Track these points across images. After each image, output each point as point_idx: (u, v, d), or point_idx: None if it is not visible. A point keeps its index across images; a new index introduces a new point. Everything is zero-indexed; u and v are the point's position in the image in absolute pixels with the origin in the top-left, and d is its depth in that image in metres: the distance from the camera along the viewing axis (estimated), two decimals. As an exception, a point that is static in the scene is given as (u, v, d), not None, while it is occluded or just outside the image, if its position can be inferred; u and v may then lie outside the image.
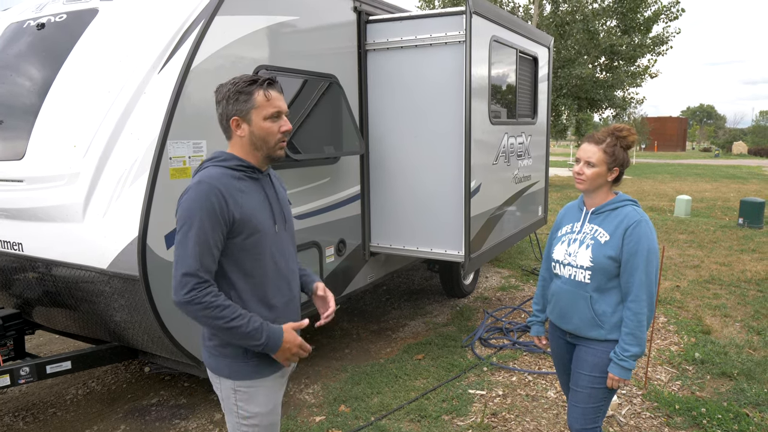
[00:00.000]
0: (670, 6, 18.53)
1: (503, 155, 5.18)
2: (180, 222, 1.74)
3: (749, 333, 5.13)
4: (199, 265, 1.71)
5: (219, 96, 1.85)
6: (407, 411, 3.76)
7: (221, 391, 1.92)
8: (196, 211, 1.72)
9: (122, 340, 3.42)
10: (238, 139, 1.87)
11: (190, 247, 1.71)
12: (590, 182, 2.37)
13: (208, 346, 1.90)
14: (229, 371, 1.87)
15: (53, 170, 3.21)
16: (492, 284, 6.85)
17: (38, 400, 4.03)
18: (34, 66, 3.60)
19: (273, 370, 1.93)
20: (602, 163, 2.34)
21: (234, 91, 1.81)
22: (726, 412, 3.65)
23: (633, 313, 2.27)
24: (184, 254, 1.72)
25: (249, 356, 1.86)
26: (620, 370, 2.30)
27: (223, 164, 1.83)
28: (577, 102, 19.06)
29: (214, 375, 1.93)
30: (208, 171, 1.81)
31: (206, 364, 1.94)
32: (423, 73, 4.45)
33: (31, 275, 3.40)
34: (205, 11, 3.18)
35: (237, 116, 1.83)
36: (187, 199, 1.75)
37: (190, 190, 1.76)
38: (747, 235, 9.79)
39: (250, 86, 1.82)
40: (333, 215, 4.32)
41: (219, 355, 1.87)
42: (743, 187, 18.85)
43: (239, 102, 1.82)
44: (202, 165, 1.87)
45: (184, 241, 1.72)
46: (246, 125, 1.84)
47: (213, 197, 1.73)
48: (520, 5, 20.53)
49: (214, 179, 1.77)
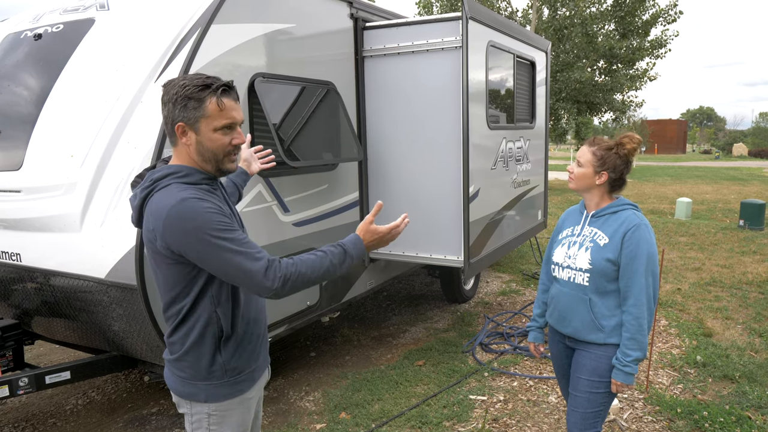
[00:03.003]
0: (668, 9, 18.59)
1: (502, 160, 5.18)
2: (202, 246, 1.58)
3: (751, 335, 5.11)
4: (260, 253, 1.62)
5: (166, 96, 1.65)
6: (408, 417, 3.74)
7: (192, 416, 1.81)
8: (206, 227, 1.58)
9: (121, 349, 3.41)
10: (184, 147, 1.69)
11: (239, 251, 1.59)
12: (576, 181, 2.43)
13: (180, 376, 1.79)
14: (206, 395, 1.77)
15: (50, 180, 3.21)
16: (492, 289, 6.84)
17: (38, 411, 4.02)
18: (32, 76, 3.61)
19: (250, 384, 1.86)
20: (589, 165, 2.38)
21: (183, 95, 1.63)
22: (728, 416, 3.63)
23: (634, 317, 2.27)
24: (240, 260, 1.58)
25: (227, 374, 1.78)
26: (623, 375, 2.29)
27: (187, 180, 1.67)
28: (576, 106, 19.08)
29: (185, 401, 1.82)
30: (178, 190, 1.62)
31: (176, 392, 1.82)
32: (420, 78, 4.46)
33: (30, 285, 3.40)
34: (202, 20, 3.19)
35: (183, 122, 1.65)
36: (187, 226, 1.58)
37: (179, 216, 1.58)
38: (748, 237, 9.77)
39: (201, 92, 1.63)
40: (332, 222, 4.32)
41: (193, 380, 1.77)
42: (744, 189, 18.83)
43: (187, 108, 1.64)
44: (159, 182, 1.65)
45: (220, 252, 1.58)
46: (192, 134, 1.66)
47: (204, 205, 1.61)
48: (518, 10, 20.60)
49: (192, 195, 1.62)
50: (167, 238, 1.60)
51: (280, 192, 3.78)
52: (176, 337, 1.77)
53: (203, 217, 1.58)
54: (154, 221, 1.63)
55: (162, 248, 1.64)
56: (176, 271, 1.68)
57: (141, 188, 1.69)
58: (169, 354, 1.82)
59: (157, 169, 1.70)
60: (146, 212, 1.67)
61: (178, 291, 1.71)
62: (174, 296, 1.73)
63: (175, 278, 1.70)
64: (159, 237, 1.62)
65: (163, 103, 1.68)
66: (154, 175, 1.68)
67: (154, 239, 1.65)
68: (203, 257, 1.60)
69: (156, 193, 1.65)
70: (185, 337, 1.75)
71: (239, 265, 1.59)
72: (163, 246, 1.63)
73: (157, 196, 1.65)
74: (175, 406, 1.87)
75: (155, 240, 1.64)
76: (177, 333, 1.76)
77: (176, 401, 1.86)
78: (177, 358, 1.78)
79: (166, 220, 1.59)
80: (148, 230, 1.67)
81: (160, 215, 1.60)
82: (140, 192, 1.69)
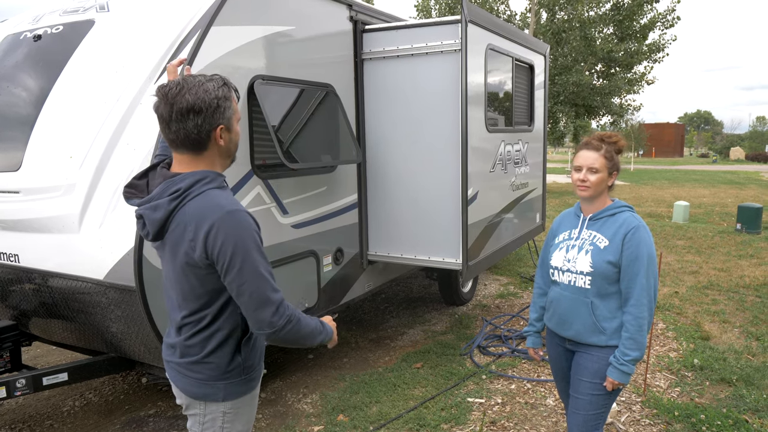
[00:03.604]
0: (666, 14, 18.65)
1: (500, 163, 5.19)
2: (238, 257, 1.59)
3: (748, 339, 5.12)
4: (279, 289, 1.66)
5: (199, 104, 1.61)
6: (406, 420, 3.74)
7: (204, 416, 1.80)
8: (249, 241, 1.61)
9: (119, 351, 3.40)
10: (216, 149, 1.70)
11: (267, 277, 1.63)
12: (595, 188, 2.38)
13: (196, 378, 1.77)
14: (224, 394, 1.78)
15: (49, 181, 3.21)
16: (491, 292, 6.84)
17: (35, 412, 4.01)
18: (31, 77, 3.61)
19: (258, 380, 1.90)
20: (604, 169, 2.37)
21: (222, 96, 1.65)
22: (725, 419, 3.64)
23: (634, 318, 2.28)
24: (265, 285, 1.62)
25: (244, 371, 1.80)
26: (619, 374, 2.30)
27: (218, 186, 1.68)
28: (574, 109, 19.13)
29: (198, 402, 1.80)
30: (219, 196, 1.64)
31: (191, 394, 1.79)
32: (419, 81, 4.47)
33: (28, 286, 3.39)
34: (202, 21, 3.20)
35: (224, 124, 1.68)
36: (231, 234, 1.59)
37: (225, 224, 1.59)
38: (745, 241, 9.79)
39: (228, 90, 1.69)
40: (330, 224, 4.32)
41: (211, 381, 1.76)
42: (741, 193, 18.88)
43: (225, 109, 1.67)
44: (192, 188, 1.64)
45: (256, 271, 1.61)
46: (227, 133, 1.70)
47: (251, 222, 1.65)
48: (516, 13, 20.65)
49: (237, 205, 1.65)
50: (210, 244, 1.58)
51: (278, 194, 3.79)
52: (195, 340, 1.74)
53: (249, 232, 1.62)
54: (196, 229, 1.59)
55: (199, 257, 1.61)
56: (208, 281, 1.66)
57: (168, 199, 1.62)
58: (184, 357, 1.77)
59: (180, 178, 1.65)
60: (178, 221, 1.63)
61: (206, 300, 1.70)
62: (201, 305, 1.70)
63: (205, 287, 1.68)
64: (200, 245, 1.59)
65: (194, 113, 1.61)
66: (180, 185, 1.63)
67: (192, 248, 1.61)
68: (234, 269, 1.60)
69: (191, 201, 1.62)
70: (206, 341, 1.73)
71: (262, 290, 1.61)
72: (201, 255, 1.60)
73: (195, 203, 1.62)
74: (173, 408, 1.87)
75: (193, 249, 1.61)
76: (197, 337, 1.74)
77: (186, 403, 1.83)
78: (196, 360, 1.75)
79: (212, 228, 1.58)
80: (181, 239, 1.63)
81: (203, 221, 1.59)
82: (168, 204, 1.62)
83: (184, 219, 1.62)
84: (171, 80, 1.67)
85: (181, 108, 1.60)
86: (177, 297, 1.74)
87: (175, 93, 1.61)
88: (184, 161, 1.70)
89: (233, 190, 3.39)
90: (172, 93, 1.61)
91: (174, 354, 1.82)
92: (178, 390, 1.84)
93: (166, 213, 1.63)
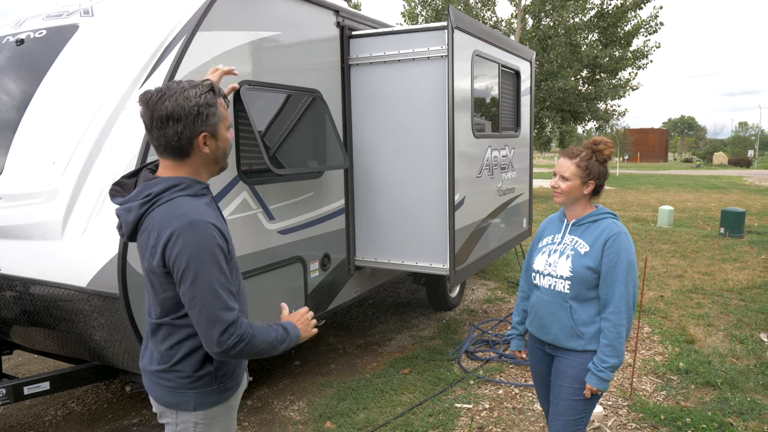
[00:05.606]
0: (649, 20, 18.89)
1: (487, 168, 5.21)
2: (191, 269, 1.56)
3: (732, 342, 5.17)
4: (235, 307, 1.61)
5: (178, 112, 1.58)
6: (394, 426, 3.73)
7: (176, 425, 1.77)
8: (206, 254, 1.56)
9: (102, 359, 3.36)
10: (200, 157, 1.67)
11: (221, 294, 1.58)
12: (565, 195, 2.43)
13: (167, 386, 1.74)
14: (195, 403, 1.74)
15: (31, 187, 3.16)
16: (478, 297, 6.86)
17: (15, 423, 3.94)
18: (13, 81, 3.56)
19: (234, 390, 1.85)
20: (575, 177, 2.40)
21: (203, 103, 1.61)
22: (710, 422, 3.67)
23: (612, 325, 2.29)
24: (216, 303, 1.57)
25: (217, 380, 1.76)
26: (598, 381, 2.32)
27: (192, 194, 1.65)
28: (560, 114, 19.27)
29: (170, 411, 1.77)
30: (186, 205, 1.61)
31: (162, 402, 1.77)
32: (406, 87, 4.48)
33: (9, 294, 3.33)
34: (187, 27, 3.18)
35: (208, 131, 1.65)
36: (188, 244, 1.56)
37: (184, 233, 1.56)
38: (728, 245, 9.91)
39: (213, 96, 1.64)
40: (317, 229, 4.30)
41: (182, 389, 1.73)
42: (724, 197, 19.13)
43: (209, 116, 1.63)
44: (163, 194, 1.62)
45: (208, 286, 1.57)
46: (213, 140, 1.67)
47: (215, 235, 1.60)
48: (502, 20, 20.79)
49: (203, 215, 1.60)
50: (168, 253, 1.57)
51: (265, 199, 3.77)
52: (164, 346, 1.73)
53: (209, 245, 1.57)
54: (157, 236, 1.58)
55: (158, 265, 1.60)
56: (169, 288, 1.65)
57: (139, 203, 1.62)
58: (155, 364, 1.76)
59: (155, 182, 1.64)
60: (146, 226, 1.62)
61: (171, 305, 1.68)
62: (166, 310, 1.69)
63: (167, 294, 1.66)
64: (159, 252, 1.58)
65: (173, 120, 1.59)
66: (152, 189, 1.62)
67: (152, 255, 1.60)
68: (187, 281, 1.57)
69: (159, 207, 1.61)
70: (175, 348, 1.71)
71: (212, 307, 1.57)
72: (159, 262, 1.59)
73: (161, 209, 1.60)
74: (156, 416, 1.84)
75: (153, 256, 1.60)
76: (166, 342, 1.72)
77: (159, 411, 1.82)
78: (166, 368, 1.73)
79: (172, 236, 1.56)
80: (146, 244, 1.62)
81: (164, 229, 1.57)
82: (138, 207, 1.62)
83: (150, 224, 1.61)
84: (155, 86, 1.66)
85: (160, 115, 1.59)
86: (148, 300, 1.75)
87: (156, 100, 1.59)
88: (168, 167, 1.69)
89: (219, 197, 3.36)
90: (153, 100, 1.60)
91: (147, 361, 1.80)
92: (152, 398, 1.82)
93: (137, 217, 1.64)
